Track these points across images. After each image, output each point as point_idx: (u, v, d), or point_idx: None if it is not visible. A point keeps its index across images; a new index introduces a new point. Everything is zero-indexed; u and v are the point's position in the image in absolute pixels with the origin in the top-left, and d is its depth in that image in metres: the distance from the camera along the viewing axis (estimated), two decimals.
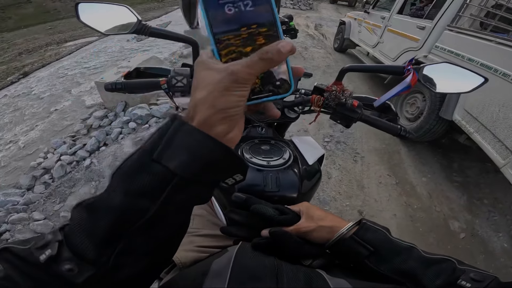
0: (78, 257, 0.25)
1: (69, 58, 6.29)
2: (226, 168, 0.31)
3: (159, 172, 0.26)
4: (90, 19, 0.65)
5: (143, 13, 11.99)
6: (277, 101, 0.81)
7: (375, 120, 0.70)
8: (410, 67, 0.66)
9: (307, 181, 0.71)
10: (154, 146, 0.27)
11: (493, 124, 1.84)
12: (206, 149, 0.27)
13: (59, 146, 2.71)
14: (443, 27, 2.58)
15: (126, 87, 0.76)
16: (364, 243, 0.45)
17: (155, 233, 0.28)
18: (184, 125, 0.27)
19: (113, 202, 0.26)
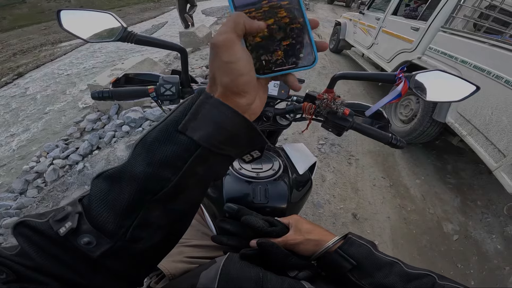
0: (98, 229, 0.26)
1: (64, 59, 6.25)
2: (246, 142, 0.31)
3: (184, 142, 0.27)
4: (73, 26, 0.63)
5: (139, 13, 11.94)
6: (269, 109, 0.80)
7: (367, 129, 0.70)
8: (402, 75, 0.65)
9: (297, 191, 0.71)
10: (179, 117, 0.27)
11: (486, 127, 1.85)
12: (230, 122, 0.28)
13: (51, 149, 2.69)
14: (436, 29, 2.57)
15: (113, 95, 0.75)
16: (348, 257, 0.46)
17: (172, 206, 0.29)
18: (211, 98, 0.28)
19: (135, 172, 0.26)
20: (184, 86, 0.77)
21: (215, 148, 0.28)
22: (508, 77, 1.70)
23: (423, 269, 0.45)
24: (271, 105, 0.81)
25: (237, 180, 0.65)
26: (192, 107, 0.28)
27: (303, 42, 0.30)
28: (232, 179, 0.65)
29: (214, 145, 0.28)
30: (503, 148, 1.69)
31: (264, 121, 0.84)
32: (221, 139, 0.28)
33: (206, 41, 6.16)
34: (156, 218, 0.28)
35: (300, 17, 0.30)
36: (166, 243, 0.33)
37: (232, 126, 0.28)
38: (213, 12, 11.75)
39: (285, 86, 0.80)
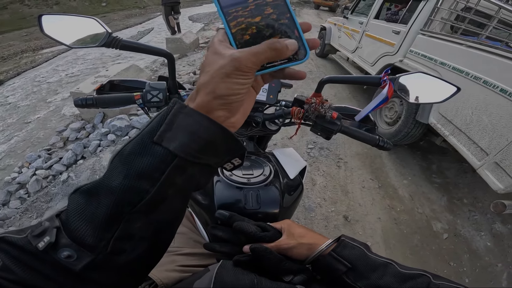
0: (77, 243, 0.25)
1: (45, 66, 6.08)
2: (224, 151, 0.31)
3: (160, 153, 0.27)
4: (55, 31, 0.61)
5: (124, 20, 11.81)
6: (257, 114, 0.80)
7: (354, 132, 0.71)
8: (386, 78, 0.67)
9: (288, 195, 0.70)
10: (154, 128, 0.27)
11: (467, 126, 1.91)
12: (205, 130, 0.28)
13: (34, 160, 2.60)
14: (416, 32, 2.64)
15: (97, 102, 0.73)
16: (342, 259, 0.46)
17: (154, 217, 0.28)
18: (185, 108, 0.28)
19: (112, 185, 0.26)
20: (171, 92, 0.76)
21: (192, 157, 0.28)
22: (486, 78, 1.77)
23: (417, 269, 0.45)
24: (260, 110, 0.81)
25: (228, 187, 0.64)
26: (167, 118, 0.28)
27: (293, 37, 0.30)
28: (223, 185, 0.64)
29: (191, 154, 0.28)
30: (485, 147, 1.75)
31: (253, 127, 0.83)
32: (197, 148, 0.28)
33: (193, 47, 6.15)
34: (138, 230, 0.28)
35: (287, 13, 0.30)
36: (152, 254, 0.33)
37: (208, 135, 0.28)
38: (200, 18, 11.77)
39: (273, 91, 0.80)
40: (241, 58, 0.27)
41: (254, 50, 0.28)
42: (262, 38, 0.30)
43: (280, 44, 0.28)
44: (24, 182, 2.35)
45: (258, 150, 0.85)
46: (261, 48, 0.28)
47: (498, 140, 1.67)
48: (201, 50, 6.10)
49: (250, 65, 0.28)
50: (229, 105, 0.29)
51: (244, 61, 0.27)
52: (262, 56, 0.28)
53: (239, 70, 0.27)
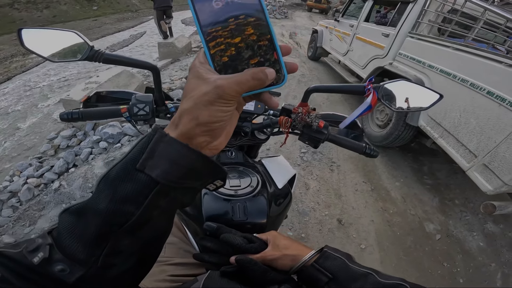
0: (69, 258, 0.27)
1: (36, 70, 6.00)
2: (206, 175, 0.33)
3: (143, 180, 0.28)
4: (36, 45, 0.60)
5: (116, 23, 11.72)
6: (246, 124, 0.80)
7: (341, 140, 0.72)
8: (370, 87, 0.67)
9: (276, 205, 0.71)
10: (137, 156, 0.28)
11: (456, 129, 1.93)
12: (185, 159, 0.29)
13: (25, 168, 2.56)
14: (405, 34, 2.66)
15: (83, 116, 0.72)
16: (324, 270, 0.48)
17: (141, 234, 0.30)
18: (165, 137, 0.29)
19: (99, 208, 0.28)
20: (158, 104, 0.76)
21: (174, 183, 0.29)
22: (472, 80, 1.80)
23: (396, 278, 0.46)
24: (248, 120, 0.81)
25: (216, 199, 0.64)
26: (148, 146, 0.29)
27: (271, 60, 0.30)
28: (210, 198, 0.65)
29: (172, 181, 0.29)
30: (474, 149, 1.77)
31: (242, 136, 0.84)
32: (179, 175, 0.29)
33: (186, 51, 6.13)
34: (126, 246, 0.30)
35: (268, 34, 0.30)
36: (141, 266, 0.35)
37: (188, 163, 0.29)
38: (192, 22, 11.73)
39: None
40: (224, 86, 0.27)
41: (237, 79, 0.28)
42: (241, 60, 0.30)
43: (263, 74, 0.28)
44: (16, 190, 2.32)
45: (247, 160, 0.85)
46: (245, 78, 0.28)
47: (486, 142, 1.70)
48: (194, 54, 6.09)
49: (234, 93, 0.28)
50: (212, 132, 0.30)
51: (228, 89, 0.28)
52: (245, 86, 0.28)
53: (222, 98, 0.28)
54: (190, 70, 0.30)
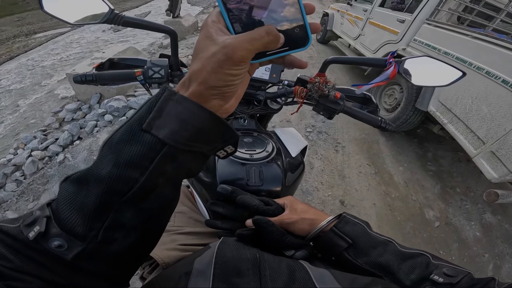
0: (67, 232, 0.25)
1: (39, 50, 5.94)
2: (217, 138, 0.30)
3: (149, 141, 0.26)
4: (55, 8, 0.58)
5: (121, 3, 11.42)
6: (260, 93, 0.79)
7: (357, 112, 0.71)
8: (392, 60, 0.67)
9: (291, 173, 0.71)
10: (144, 116, 0.26)
11: (466, 115, 1.92)
12: (196, 118, 0.27)
13: (29, 141, 2.56)
14: (422, 21, 2.62)
15: (97, 78, 0.71)
16: (343, 235, 0.47)
17: (144, 206, 0.28)
18: (175, 95, 0.27)
19: (101, 173, 0.26)
20: (173, 69, 0.75)
21: (182, 145, 0.27)
22: (489, 68, 1.78)
23: (417, 249, 0.46)
24: (262, 89, 0.81)
25: (231, 163, 0.63)
26: (156, 104, 0.27)
27: (296, 23, 0.28)
28: (225, 161, 0.64)
29: (181, 142, 0.27)
30: (483, 136, 1.77)
31: (255, 105, 0.83)
32: (188, 136, 0.27)
33: (192, 30, 6.02)
34: (129, 219, 0.27)
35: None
36: (144, 243, 0.33)
37: (199, 122, 0.27)
38: (198, 2, 11.41)
39: (276, 70, 0.79)
40: (234, 45, 0.25)
41: (249, 36, 0.26)
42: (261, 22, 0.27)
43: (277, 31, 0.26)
44: (20, 163, 2.32)
45: (260, 128, 0.85)
46: (258, 34, 0.26)
47: (496, 129, 1.69)
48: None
49: (244, 53, 0.26)
50: (223, 95, 0.28)
51: (238, 49, 0.25)
52: (258, 43, 0.26)
53: (231, 60, 0.25)
54: (202, 28, 0.28)
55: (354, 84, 0.74)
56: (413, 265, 0.43)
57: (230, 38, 0.25)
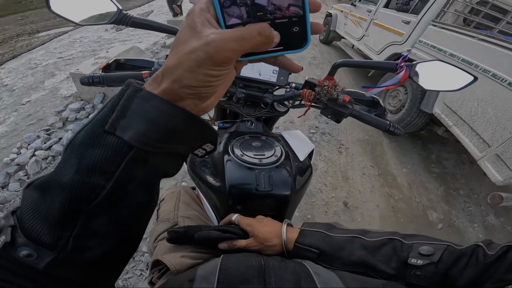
0: (34, 242, 0.23)
1: (42, 49, 5.95)
2: (192, 137, 0.27)
3: (113, 144, 0.23)
4: (63, 8, 0.58)
5: (123, 2, 11.42)
6: (267, 96, 0.79)
7: (365, 116, 0.71)
8: (403, 64, 0.66)
9: (300, 177, 0.71)
10: (106, 115, 0.24)
11: (472, 118, 1.91)
12: (167, 117, 0.23)
13: (32, 140, 2.56)
14: (427, 22, 2.60)
15: (104, 80, 0.71)
16: (308, 247, 0.48)
17: (116, 212, 0.25)
18: (140, 91, 0.24)
19: (64, 180, 0.23)
20: None
21: (152, 148, 0.24)
22: (495, 71, 1.77)
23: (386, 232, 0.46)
24: (270, 91, 0.80)
25: (240, 167, 0.63)
26: (119, 103, 0.24)
27: (297, 20, 0.24)
28: (234, 165, 0.63)
29: (150, 144, 0.24)
30: (488, 139, 1.76)
31: (262, 108, 0.83)
32: (158, 137, 0.24)
33: None
34: (101, 226, 0.25)
35: None
36: (124, 248, 0.30)
37: (170, 122, 0.24)
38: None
39: (284, 73, 0.79)
40: (218, 43, 0.22)
41: (237, 34, 0.22)
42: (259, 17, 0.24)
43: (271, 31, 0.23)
44: (23, 163, 2.30)
45: (267, 131, 0.84)
46: (248, 33, 0.22)
47: (501, 132, 1.68)
48: None
49: (229, 54, 0.22)
50: (200, 94, 0.25)
51: (222, 48, 0.22)
52: (246, 44, 0.23)
53: (212, 60, 0.22)
54: (187, 16, 0.24)
55: (364, 86, 0.74)
56: (387, 254, 0.43)
57: (215, 33, 0.22)
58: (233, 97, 0.78)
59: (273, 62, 0.28)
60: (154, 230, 0.73)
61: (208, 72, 0.23)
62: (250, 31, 0.23)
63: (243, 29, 0.23)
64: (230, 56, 0.23)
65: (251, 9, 0.24)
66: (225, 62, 0.23)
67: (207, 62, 0.22)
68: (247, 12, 0.24)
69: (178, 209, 0.75)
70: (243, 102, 0.80)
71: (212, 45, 0.22)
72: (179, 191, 0.83)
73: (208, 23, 0.23)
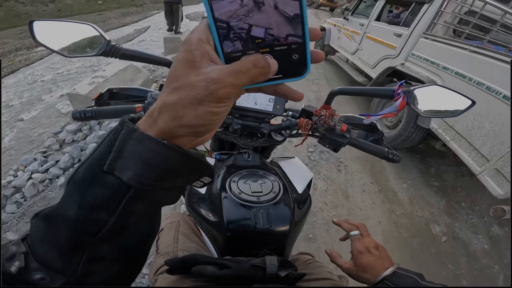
0: (46, 267, 0.24)
1: (40, 64, 6.00)
2: (188, 173, 0.28)
3: (113, 184, 0.23)
4: (48, 39, 0.57)
5: (121, 18, 11.68)
6: (264, 126, 0.78)
7: (364, 144, 0.71)
8: (400, 91, 0.66)
9: (299, 210, 0.70)
10: (104, 155, 0.24)
11: (469, 132, 1.90)
12: (161, 158, 0.24)
13: (29, 163, 2.54)
14: (419, 35, 2.61)
15: (97, 115, 0.70)
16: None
17: (120, 241, 0.26)
18: (134, 132, 0.24)
19: (68, 215, 0.24)
20: None
21: (150, 186, 0.24)
22: (489, 84, 1.77)
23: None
24: (266, 121, 0.79)
25: (237, 205, 0.62)
26: (115, 144, 0.24)
27: (296, 47, 0.24)
28: (231, 203, 0.63)
29: (148, 184, 0.24)
30: (486, 153, 1.75)
31: (259, 137, 0.82)
32: (154, 177, 0.24)
33: None
34: (107, 253, 0.26)
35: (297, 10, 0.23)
36: (129, 270, 0.31)
37: (165, 163, 0.24)
38: (197, 17, 11.67)
39: (280, 101, 0.78)
40: (218, 79, 0.22)
41: (234, 68, 0.23)
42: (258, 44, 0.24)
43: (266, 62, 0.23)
44: (20, 186, 2.28)
45: (264, 162, 0.83)
46: (243, 66, 0.23)
47: (499, 147, 1.67)
48: None
49: (230, 89, 0.23)
50: (198, 133, 0.25)
51: (222, 84, 0.22)
52: (243, 78, 0.23)
53: (213, 96, 0.22)
54: (184, 46, 0.24)
55: (362, 114, 0.73)
56: None
57: (215, 70, 0.22)
58: (229, 127, 0.77)
59: (272, 91, 0.28)
60: (154, 264, 0.73)
61: (209, 109, 0.23)
62: (245, 64, 0.23)
63: (238, 63, 0.23)
64: (231, 91, 0.23)
65: (250, 38, 0.24)
66: (226, 97, 0.23)
67: (208, 99, 0.22)
68: (246, 40, 0.24)
69: (177, 241, 0.75)
70: (239, 132, 0.79)
71: (213, 82, 0.22)
72: (178, 221, 0.82)
73: (208, 56, 0.23)
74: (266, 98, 0.77)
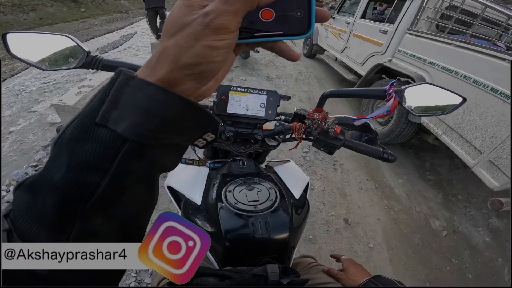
0: None
1: (25, 74, 5.86)
2: (191, 126, 0.25)
3: (105, 137, 0.21)
4: (24, 52, 0.54)
5: (106, 24, 11.52)
6: (257, 132, 0.76)
7: (358, 145, 0.70)
8: (392, 91, 0.65)
9: (297, 215, 0.69)
10: (96, 107, 0.22)
11: (460, 126, 1.92)
12: (163, 106, 0.22)
13: (20, 177, 2.47)
14: (403, 31, 2.64)
15: None
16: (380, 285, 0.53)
17: (115, 211, 0.23)
18: (132, 79, 0.22)
19: (54, 180, 0.21)
20: None
21: (148, 139, 0.22)
22: (475, 77, 1.79)
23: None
24: (259, 127, 0.77)
25: (234, 216, 0.61)
26: (110, 92, 0.22)
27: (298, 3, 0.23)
28: (228, 214, 0.61)
29: (146, 136, 0.22)
30: (479, 146, 1.76)
31: (252, 144, 0.80)
32: (154, 128, 0.22)
33: None
34: (99, 226, 0.23)
35: None
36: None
37: (166, 111, 0.22)
38: None
39: (272, 106, 0.76)
40: (212, 11, 0.21)
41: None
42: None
43: None
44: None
45: (259, 169, 0.81)
46: None
47: (491, 138, 1.69)
48: None
49: (225, 17, 0.21)
50: (200, 75, 0.23)
51: (217, 13, 0.21)
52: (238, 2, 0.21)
53: (211, 28, 0.21)
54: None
55: (356, 117, 0.73)
56: None
57: (210, 5, 0.21)
58: (222, 135, 0.75)
59: (270, 47, 0.27)
60: (155, 277, 0.72)
61: (207, 43, 0.21)
62: None
63: None
64: (227, 19, 0.21)
65: None
66: (223, 27, 0.21)
67: (204, 33, 0.21)
68: None
69: None
70: (232, 140, 0.77)
71: (207, 14, 0.21)
72: None
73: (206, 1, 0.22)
74: (257, 103, 0.75)
